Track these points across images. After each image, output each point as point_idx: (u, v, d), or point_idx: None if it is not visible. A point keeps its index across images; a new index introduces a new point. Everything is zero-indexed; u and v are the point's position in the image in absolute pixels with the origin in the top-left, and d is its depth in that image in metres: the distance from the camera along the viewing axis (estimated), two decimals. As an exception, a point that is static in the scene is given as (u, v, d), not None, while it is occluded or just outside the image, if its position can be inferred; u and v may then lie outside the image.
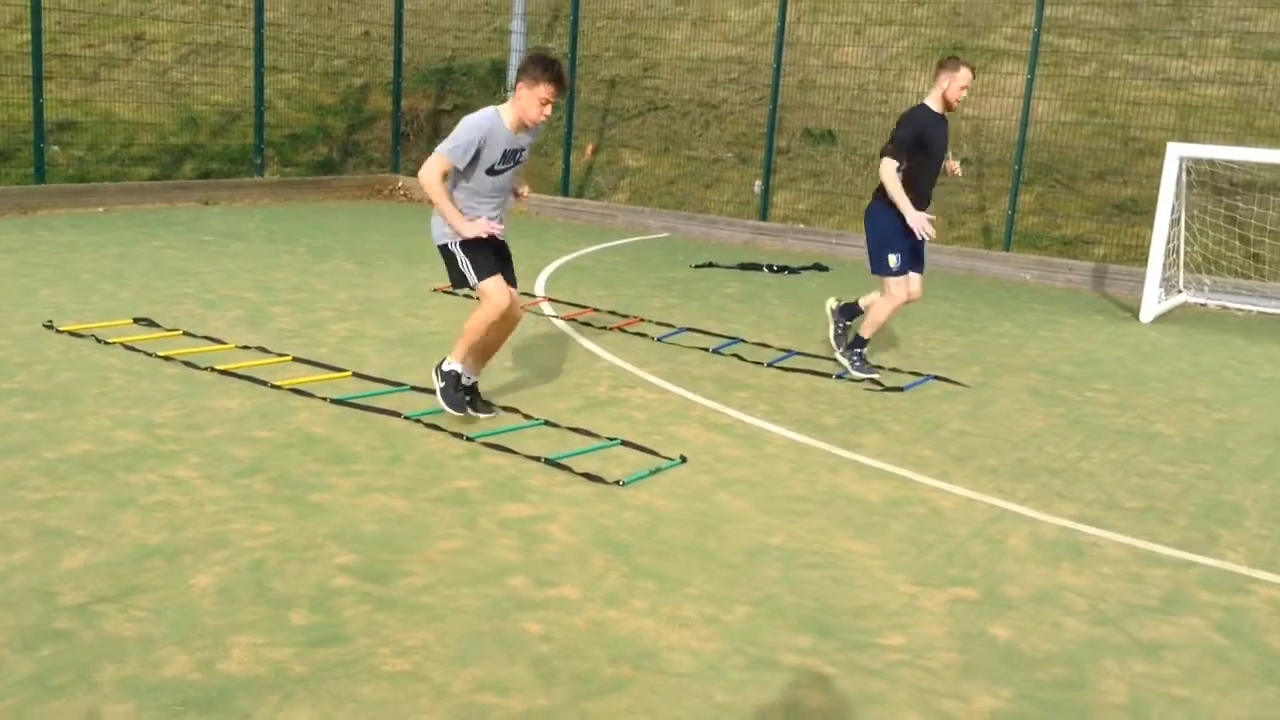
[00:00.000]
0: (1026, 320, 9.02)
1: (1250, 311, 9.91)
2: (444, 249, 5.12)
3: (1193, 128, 12.29)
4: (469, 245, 5.03)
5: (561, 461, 4.83)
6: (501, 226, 5.13)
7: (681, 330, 7.62)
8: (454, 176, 5.00)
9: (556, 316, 7.87)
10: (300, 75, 15.88)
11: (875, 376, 6.61)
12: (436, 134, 16.06)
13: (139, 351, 6.12)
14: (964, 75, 6.34)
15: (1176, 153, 9.24)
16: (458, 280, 5.14)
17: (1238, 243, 10.97)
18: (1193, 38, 13.68)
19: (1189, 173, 10.56)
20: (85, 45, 14.45)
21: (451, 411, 5.21)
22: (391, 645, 3.22)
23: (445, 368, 5.24)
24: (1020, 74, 12.44)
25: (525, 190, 5.35)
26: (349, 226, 11.60)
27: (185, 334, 6.58)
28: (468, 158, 4.87)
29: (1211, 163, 10.77)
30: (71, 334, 6.39)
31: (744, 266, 10.71)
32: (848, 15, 15.05)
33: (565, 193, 14.32)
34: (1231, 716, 3.13)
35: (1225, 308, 10.05)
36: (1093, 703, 3.15)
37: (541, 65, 4.87)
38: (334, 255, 9.68)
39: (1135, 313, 9.44)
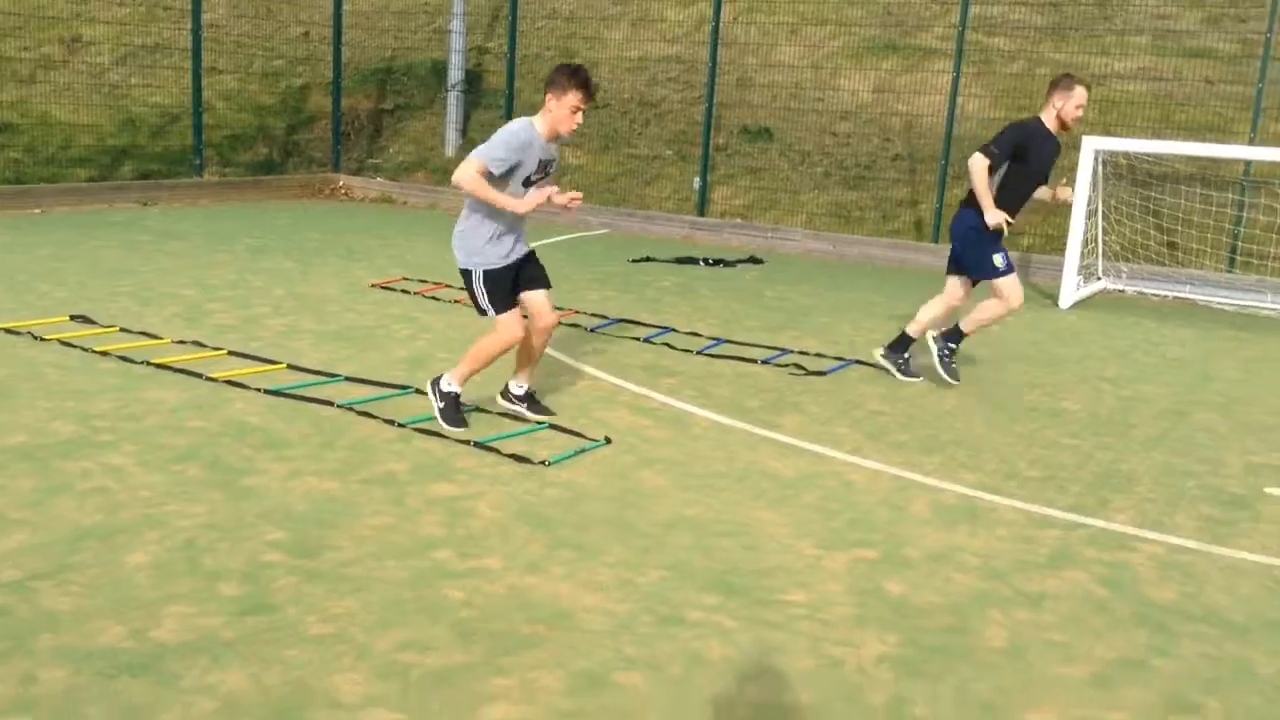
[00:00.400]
0: (950, 308, 9.31)
1: (1165, 297, 10.31)
2: (467, 275, 5.08)
3: (1114, 122, 12.70)
4: (490, 275, 5.01)
5: (490, 444, 5.01)
6: (524, 246, 5.18)
7: (615, 321, 7.81)
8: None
9: (493, 310, 8.03)
10: (239, 76, 15.88)
11: (958, 379, 6.56)
12: (378, 133, 16.14)
13: (75, 347, 6.20)
14: (1079, 94, 6.09)
15: (1092, 146, 9.60)
16: (481, 308, 5.12)
17: (1155, 231, 11.38)
18: (1115, 35, 14.12)
19: (1109, 165, 10.94)
20: (21, 48, 14.35)
21: (452, 431, 5.13)
22: (318, 613, 3.39)
23: (444, 388, 5.20)
24: (950, 72, 12.78)
25: (572, 196, 5.15)
26: (289, 225, 11.67)
27: (122, 330, 6.67)
28: (503, 169, 4.84)
29: (1130, 156, 11.17)
30: (7, 331, 6.45)
31: (680, 260, 10.94)
32: (783, 15, 15.34)
33: (507, 191, 14.45)
34: (1103, 657, 3.39)
35: (1142, 293, 10.45)
36: (974, 646, 3.39)
37: (568, 73, 4.84)
38: (273, 253, 9.77)
39: (1055, 299, 9.79)
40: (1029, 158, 6.20)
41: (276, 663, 3.08)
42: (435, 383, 5.29)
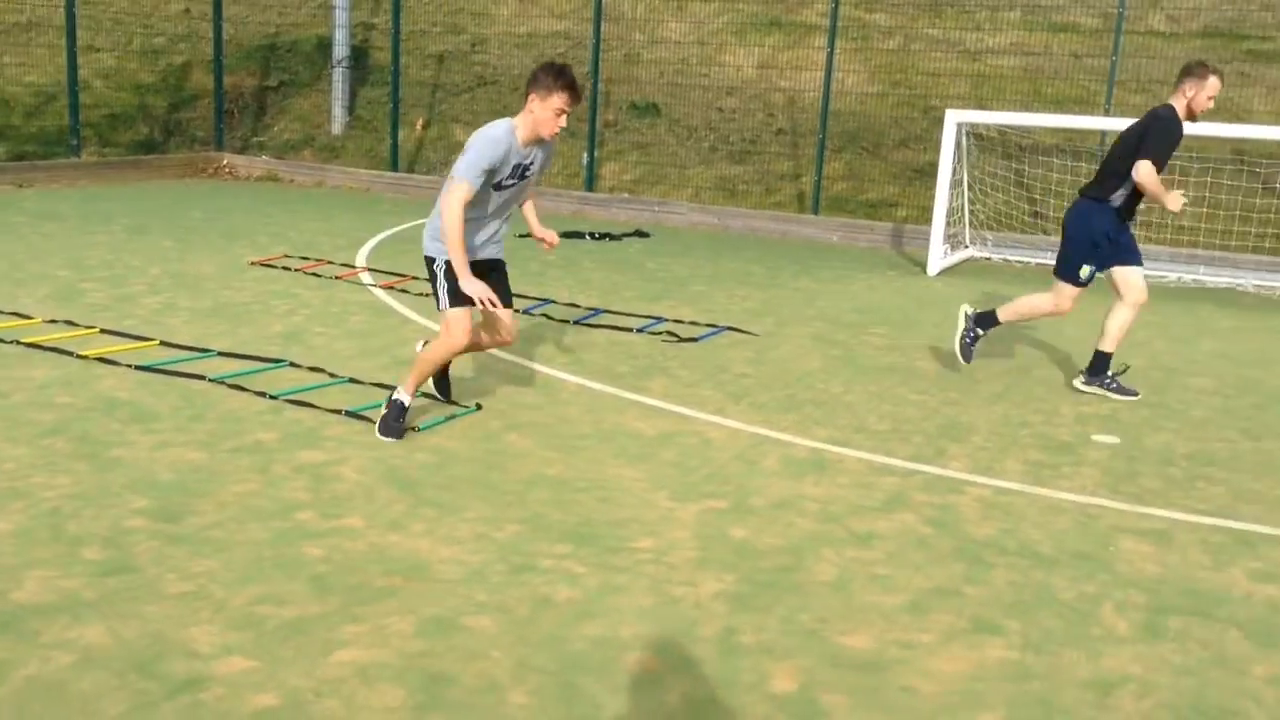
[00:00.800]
0: (824, 276, 9.68)
1: (1029, 263, 10.81)
2: (430, 263, 4.88)
3: (986, 96, 13.21)
4: (452, 267, 4.73)
5: (361, 413, 5.13)
6: (496, 249, 5.03)
7: (495, 294, 7.95)
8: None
9: (374, 285, 8.12)
10: (118, 54, 15.53)
11: (1137, 394, 6.15)
12: (262, 111, 15.93)
13: (-59, 329, 6.14)
14: (1213, 84, 5.65)
15: (955, 119, 10.01)
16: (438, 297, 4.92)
17: (1022, 202, 11.90)
18: (988, 11, 14.63)
19: (978, 137, 11.40)
20: (-120, 24, 13.85)
21: (386, 439, 4.87)
22: (178, 572, 3.51)
23: (395, 397, 4.94)
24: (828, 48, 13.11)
25: (552, 238, 5.18)
26: (169, 205, 11.53)
27: (-10, 311, 6.60)
28: (484, 179, 4.68)
29: (1002, 130, 11.65)
30: None
31: (567, 235, 11.09)
32: (668, -9, 15.54)
33: (395, 169, 14.44)
34: (920, 587, 3.69)
35: (1007, 260, 10.94)
36: (804, 581, 3.67)
37: (554, 74, 4.62)
38: (151, 233, 9.67)
39: (924, 267, 10.21)
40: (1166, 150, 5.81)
41: (135, 618, 3.20)
42: (391, 393, 5.03)
